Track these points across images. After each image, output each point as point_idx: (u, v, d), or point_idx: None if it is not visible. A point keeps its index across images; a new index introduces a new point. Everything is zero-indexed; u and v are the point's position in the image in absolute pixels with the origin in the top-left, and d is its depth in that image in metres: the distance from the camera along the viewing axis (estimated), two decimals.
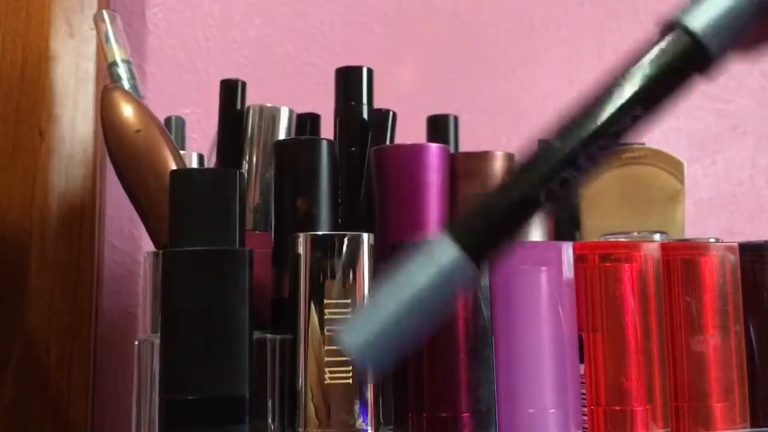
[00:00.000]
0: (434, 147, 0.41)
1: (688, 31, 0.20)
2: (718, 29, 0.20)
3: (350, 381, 0.34)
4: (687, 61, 0.20)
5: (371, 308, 0.18)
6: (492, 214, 0.19)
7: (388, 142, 0.45)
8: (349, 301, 0.34)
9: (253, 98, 0.49)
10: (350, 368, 0.33)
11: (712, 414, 0.37)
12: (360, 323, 0.18)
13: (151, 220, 0.38)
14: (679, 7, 0.21)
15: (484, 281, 0.17)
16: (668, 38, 0.20)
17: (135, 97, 0.40)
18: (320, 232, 0.37)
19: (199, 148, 0.59)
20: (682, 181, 0.49)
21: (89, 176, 0.55)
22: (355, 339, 0.17)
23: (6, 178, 0.53)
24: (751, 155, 0.80)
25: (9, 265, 0.53)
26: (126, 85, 0.44)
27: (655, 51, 0.20)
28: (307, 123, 0.49)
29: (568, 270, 0.36)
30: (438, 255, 0.18)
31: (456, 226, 0.19)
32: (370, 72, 0.47)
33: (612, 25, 0.77)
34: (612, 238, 0.41)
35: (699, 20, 0.20)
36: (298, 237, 0.35)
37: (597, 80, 0.21)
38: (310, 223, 0.39)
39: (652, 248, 0.37)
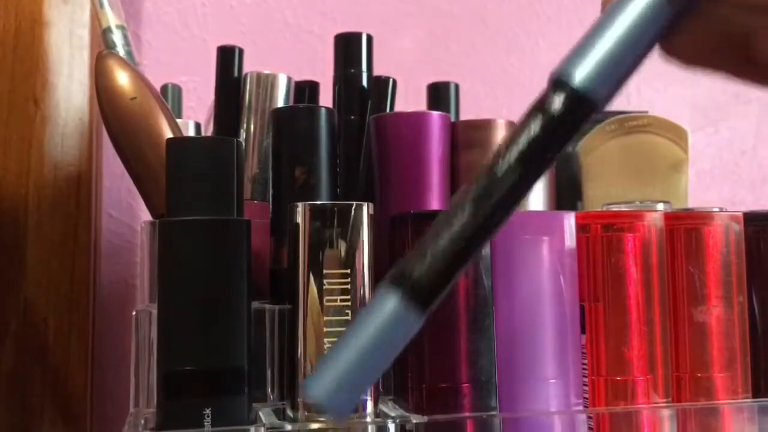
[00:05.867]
0: (435, 115, 0.40)
1: (570, 87, 0.20)
2: (601, 77, 0.20)
3: None
4: (572, 114, 0.20)
5: (329, 360, 0.19)
6: (432, 262, 0.19)
7: (388, 110, 0.44)
8: (348, 271, 0.34)
9: (250, 65, 0.48)
10: None
11: (714, 384, 0.37)
12: (321, 375, 0.19)
13: (148, 189, 0.37)
14: (562, 62, 0.20)
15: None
16: (552, 96, 0.20)
17: (130, 64, 0.39)
18: (319, 202, 0.37)
19: (196, 116, 0.59)
20: (686, 150, 0.48)
21: (85, 145, 0.54)
22: (320, 390, 0.19)
23: (1, 148, 0.53)
24: (755, 124, 0.79)
25: (6, 236, 0.52)
26: (121, 51, 0.43)
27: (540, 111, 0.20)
28: (305, 90, 0.48)
29: (570, 240, 0.36)
30: (380, 308, 0.19)
31: (396, 276, 0.19)
32: (369, 39, 0.46)
33: None
34: (615, 208, 0.40)
35: (580, 73, 0.20)
36: (297, 207, 0.34)
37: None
38: (309, 193, 0.39)
39: (655, 218, 0.37)
